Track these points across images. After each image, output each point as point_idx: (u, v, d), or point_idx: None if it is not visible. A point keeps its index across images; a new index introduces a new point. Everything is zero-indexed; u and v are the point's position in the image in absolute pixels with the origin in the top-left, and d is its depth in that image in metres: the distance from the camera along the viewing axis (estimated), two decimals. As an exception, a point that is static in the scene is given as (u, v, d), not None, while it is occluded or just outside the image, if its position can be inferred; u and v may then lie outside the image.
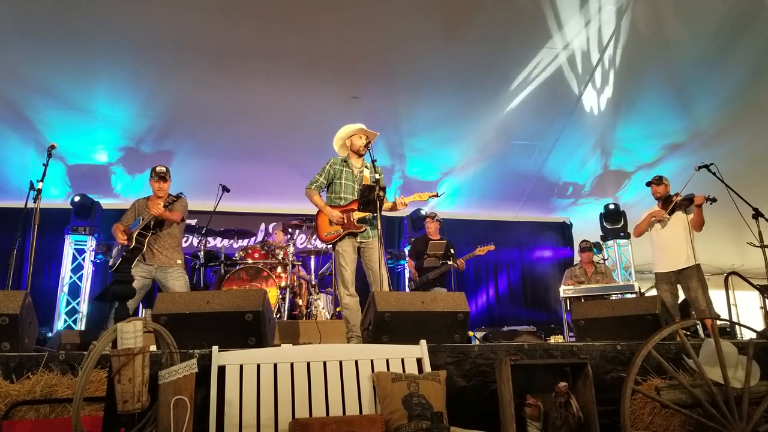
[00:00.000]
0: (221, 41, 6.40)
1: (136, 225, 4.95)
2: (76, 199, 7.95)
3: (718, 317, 5.54)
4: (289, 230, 7.44)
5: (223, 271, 6.69)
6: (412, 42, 6.62)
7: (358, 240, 4.55)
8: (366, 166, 4.71)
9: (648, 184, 5.96)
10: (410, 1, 6.17)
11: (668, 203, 5.66)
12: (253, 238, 8.37)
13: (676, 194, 5.64)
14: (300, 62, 6.75)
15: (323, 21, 6.27)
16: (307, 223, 7.22)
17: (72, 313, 8.01)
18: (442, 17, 6.37)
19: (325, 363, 2.74)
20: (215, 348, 2.66)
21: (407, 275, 8.66)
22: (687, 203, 5.59)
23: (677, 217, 5.67)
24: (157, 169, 5.09)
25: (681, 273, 5.56)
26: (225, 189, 6.30)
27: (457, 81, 7.21)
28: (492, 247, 7.22)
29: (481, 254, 7.23)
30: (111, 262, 5.22)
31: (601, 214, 9.63)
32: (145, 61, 6.54)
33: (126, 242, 4.84)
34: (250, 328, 3.29)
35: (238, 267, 6.54)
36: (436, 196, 4.87)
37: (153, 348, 2.65)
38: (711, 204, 5.48)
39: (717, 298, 5.76)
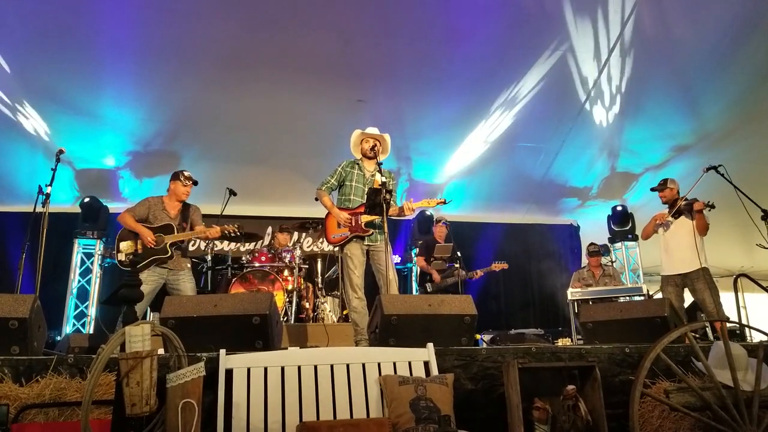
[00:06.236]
0: (227, 46, 6.43)
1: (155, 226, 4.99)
2: (85, 201, 7.99)
3: (727, 319, 5.50)
4: (289, 230, 7.49)
5: (230, 274, 6.72)
6: (418, 45, 6.63)
7: (366, 243, 4.56)
8: (379, 171, 4.70)
9: (653, 189, 5.93)
10: (415, 3, 6.18)
11: (674, 207, 5.66)
12: (260, 242, 8.39)
13: (683, 198, 5.63)
14: (306, 66, 6.77)
15: (328, 24, 6.29)
16: (314, 226, 7.23)
17: (80, 316, 8.05)
18: (447, 19, 6.37)
19: (332, 366, 2.75)
20: (223, 351, 2.66)
21: (414, 277, 8.66)
22: (688, 208, 5.57)
23: (683, 221, 5.65)
24: (186, 173, 5.16)
25: (687, 276, 5.56)
26: (232, 193, 6.33)
27: (462, 83, 7.20)
28: (505, 266, 7.41)
29: (496, 270, 7.34)
30: (121, 258, 5.08)
31: (608, 216, 9.59)
32: (152, 66, 6.58)
33: (154, 245, 4.88)
34: (257, 332, 3.29)
35: (245, 270, 6.57)
36: (444, 203, 4.79)
37: (161, 351, 2.66)
38: (710, 210, 5.46)
39: (726, 300, 5.72)
